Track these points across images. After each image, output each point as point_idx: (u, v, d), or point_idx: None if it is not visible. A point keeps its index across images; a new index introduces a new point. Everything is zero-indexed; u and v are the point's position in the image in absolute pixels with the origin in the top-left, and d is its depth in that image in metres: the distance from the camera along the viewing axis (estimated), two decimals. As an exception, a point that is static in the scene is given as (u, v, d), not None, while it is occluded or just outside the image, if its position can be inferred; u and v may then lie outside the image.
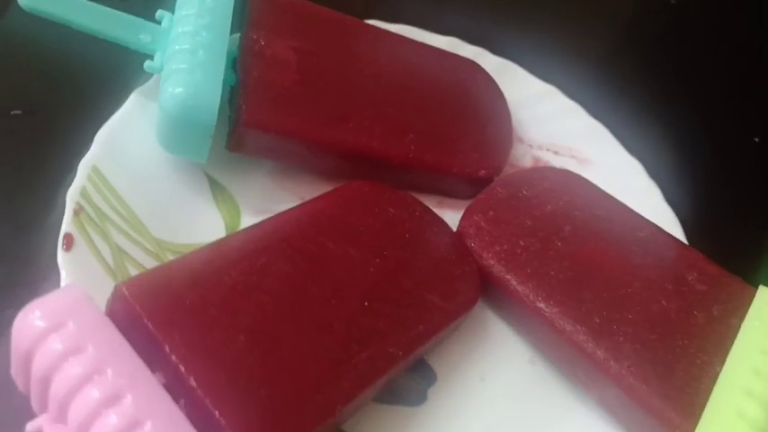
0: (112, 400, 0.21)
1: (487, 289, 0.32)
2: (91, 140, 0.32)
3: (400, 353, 0.27)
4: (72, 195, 0.30)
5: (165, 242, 0.32)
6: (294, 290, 0.27)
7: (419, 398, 0.30)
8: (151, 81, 0.35)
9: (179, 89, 0.30)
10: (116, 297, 0.25)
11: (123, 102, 0.34)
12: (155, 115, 0.32)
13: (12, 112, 0.37)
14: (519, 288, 0.31)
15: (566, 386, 0.31)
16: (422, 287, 0.30)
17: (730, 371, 0.27)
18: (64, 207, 0.30)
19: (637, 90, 0.48)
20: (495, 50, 0.43)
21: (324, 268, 0.28)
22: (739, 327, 0.29)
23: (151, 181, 0.33)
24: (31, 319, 0.22)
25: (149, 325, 0.24)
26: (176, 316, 0.24)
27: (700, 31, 0.57)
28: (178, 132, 0.31)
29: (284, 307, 0.26)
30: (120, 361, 0.22)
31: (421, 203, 0.33)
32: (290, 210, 0.31)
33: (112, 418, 0.21)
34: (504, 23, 0.49)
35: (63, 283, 0.28)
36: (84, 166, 0.31)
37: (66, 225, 0.29)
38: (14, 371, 0.23)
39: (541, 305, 0.30)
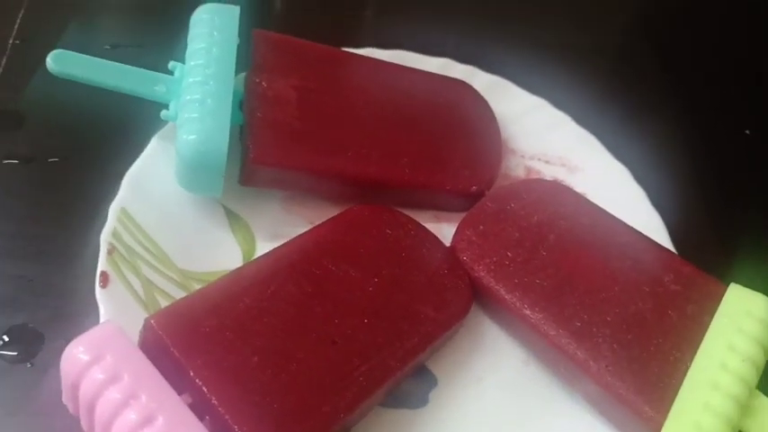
0: (147, 421, 0.25)
1: (481, 298, 0.35)
2: (117, 182, 0.36)
3: (398, 364, 0.30)
4: (105, 237, 0.34)
5: (189, 272, 0.36)
6: (301, 310, 0.31)
7: (421, 401, 0.33)
8: (167, 127, 0.38)
9: (192, 136, 0.34)
10: (146, 329, 0.28)
11: (144, 147, 0.38)
12: (172, 157, 0.36)
13: (49, 160, 0.41)
14: (507, 297, 0.34)
15: (556, 384, 0.34)
16: (416, 300, 0.33)
17: (699, 365, 0.30)
18: (99, 245, 0.34)
19: (623, 95, 0.50)
20: (486, 67, 0.46)
21: (327, 289, 0.32)
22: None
23: (174, 217, 0.37)
24: (76, 353, 0.26)
25: (175, 352, 0.27)
26: (198, 342, 0.28)
27: (682, 28, 0.59)
28: (193, 173, 0.35)
29: (292, 327, 0.30)
30: (151, 387, 0.26)
31: (416, 222, 0.36)
32: (297, 237, 0.34)
33: (148, 436, 0.25)
34: (495, 42, 0.51)
35: (102, 316, 0.32)
36: (114, 209, 0.35)
37: (102, 264, 0.33)
38: (65, 397, 0.27)
39: (527, 312, 0.33)
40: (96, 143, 0.42)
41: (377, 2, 0.58)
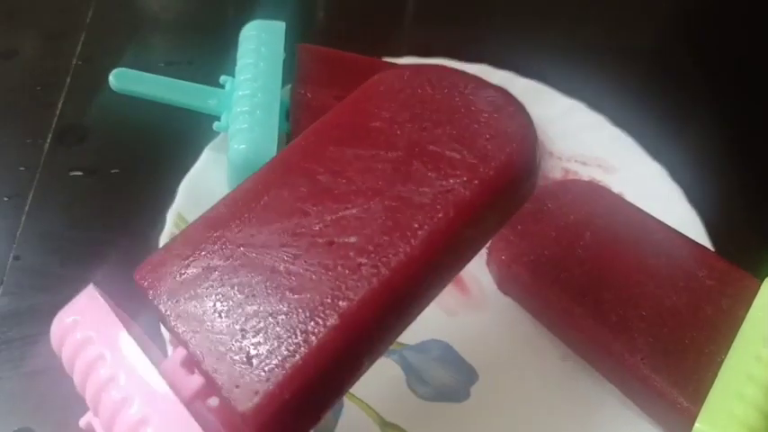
0: (112, 378, 0.23)
1: (519, 295, 0.37)
2: (174, 190, 0.39)
3: (416, 252, 0.23)
4: (164, 241, 0.37)
5: (241, 273, 0.38)
6: (292, 218, 0.25)
7: (463, 395, 0.35)
8: (219, 137, 0.41)
9: (243, 145, 0.36)
10: (136, 281, 0.26)
11: (197, 156, 0.40)
12: (224, 166, 0.39)
13: (111, 171, 0.44)
14: (545, 293, 0.35)
15: (594, 379, 0.35)
16: (444, 167, 0.25)
17: (734, 358, 0.30)
18: (157, 247, 0.37)
19: (660, 95, 0.50)
20: (523, 71, 0.47)
21: (326, 183, 0.26)
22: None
23: (226, 221, 0.39)
24: (60, 319, 0.26)
25: (156, 305, 0.24)
26: (179, 290, 0.24)
27: (720, 27, 0.59)
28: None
29: (282, 241, 0.24)
30: (115, 347, 0.24)
31: (462, 73, 0.29)
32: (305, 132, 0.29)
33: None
34: (532, 46, 0.52)
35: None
36: (171, 215, 0.38)
37: (161, 266, 0.36)
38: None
39: (565, 308, 0.34)
40: (154, 154, 0.45)
41: (415, 12, 0.60)
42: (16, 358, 0.36)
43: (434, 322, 0.36)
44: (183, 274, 0.25)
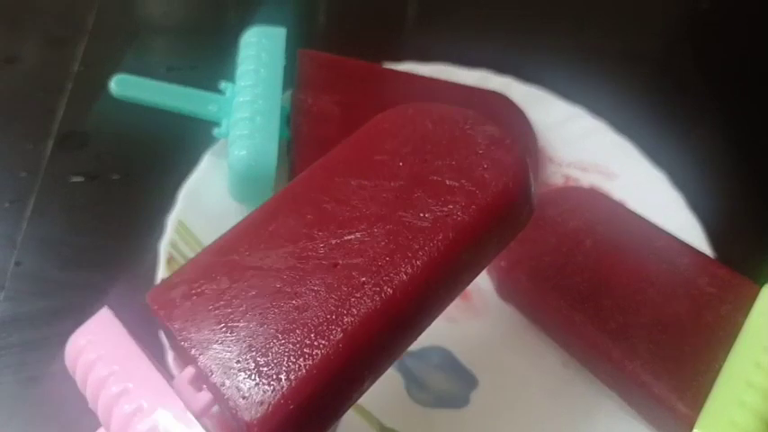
0: (124, 392, 0.24)
1: (520, 301, 0.37)
2: (174, 196, 0.39)
3: (416, 271, 0.24)
4: (164, 247, 0.37)
5: (241, 279, 0.38)
6: (299, 242, 0.26)
7: (462, 401, 0.35)
8: (219, 144, 0.41)
9: (243, 152, 0.36)
10: (148, 305, 0.26)
11: (197, 162, 0.40)
12: (224, 172, 0.39)
13: (112, 177, 0.44)
14: (545, 300, 0.35)
15: (595, 385, 0.35)
16: (444, 193, 0.26)
17: (733, 364, 0.30)
18: (158, 254, 0.37)
19: (661, 101, 0.50)
20: (525, 77, 0.47)
21: (331, 210, 0.27)
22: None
23: (227, 227, 0.39)
24: (75, 339, 0.26)
25: (167, 325, 0.25)
26: (187, 311, 0.25)
27: (722, 33, 0.59)
28: (245, 186, 0.38)
29: (289, 264, 0.25)
30: (127, 363, 0.24)
31: (461, 110, 0.30)
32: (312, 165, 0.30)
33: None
34: (533, 52, 0.52)
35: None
36: (172, 221, 0.38)
37: (162, 272, 0.36)
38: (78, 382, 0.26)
39: (565, 314, 0.34)
40: (154, 160, 0.45)
41: (415, 17, 0.60)
42: (16, 363, 0.36)
43: (434, 328, 0.35)
44: (194, 296, 0.26)
